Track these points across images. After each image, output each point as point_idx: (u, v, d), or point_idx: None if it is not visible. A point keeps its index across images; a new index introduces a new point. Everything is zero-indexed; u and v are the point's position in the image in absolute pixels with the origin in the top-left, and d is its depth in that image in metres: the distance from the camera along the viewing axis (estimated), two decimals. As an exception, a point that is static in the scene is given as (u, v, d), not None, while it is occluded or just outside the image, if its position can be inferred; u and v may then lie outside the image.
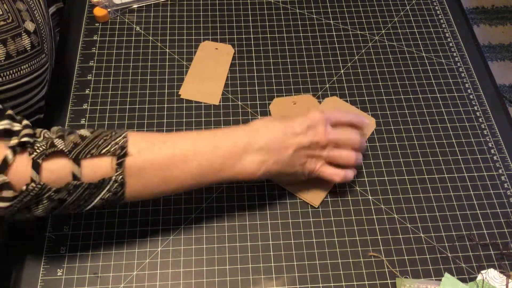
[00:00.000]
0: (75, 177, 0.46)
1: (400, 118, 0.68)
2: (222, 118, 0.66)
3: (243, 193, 0.60)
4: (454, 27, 0.78)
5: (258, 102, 0.68)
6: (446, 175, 0.63)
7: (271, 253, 0.56)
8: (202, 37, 0.75)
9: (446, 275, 0.54)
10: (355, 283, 0.54)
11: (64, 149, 0.45)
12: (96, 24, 0.75)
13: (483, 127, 0.67)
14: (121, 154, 0.47)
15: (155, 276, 0.54)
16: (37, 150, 0.45)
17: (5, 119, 0.45)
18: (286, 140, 0.52)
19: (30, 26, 0.55)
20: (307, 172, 0.56)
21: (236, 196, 0.60)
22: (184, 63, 0.72)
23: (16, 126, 0.46)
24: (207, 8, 0.79)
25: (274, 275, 0.55)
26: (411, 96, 0.70)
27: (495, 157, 0.64)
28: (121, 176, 0.47)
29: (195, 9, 0.78)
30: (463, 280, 0.54)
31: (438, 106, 0.69)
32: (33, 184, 0.44)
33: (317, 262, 0.56)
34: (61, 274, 0.54)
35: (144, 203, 0.59)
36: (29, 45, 0.55)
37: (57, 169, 0.45)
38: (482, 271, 0.55)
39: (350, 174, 0.57)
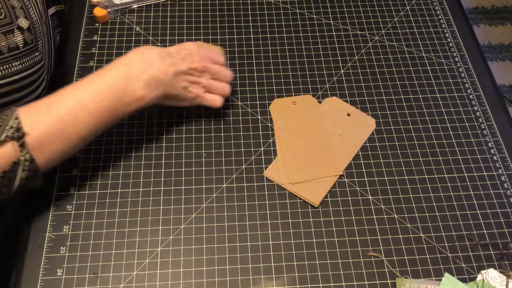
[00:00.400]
0: None
1: (400, 118, 0.68)
2: (222, 118, 0.66)
3: (243, 193, 0.60)
4: (454, 27, 0.78)
5: (258, 102, 0.68)
6: (446, 175, 0.63)
7: (271, 253, 0.56)
8: (202, 37, 0.75)
9: (446, 275, 0.54)
10: (355, 283, 0.54)
11: None
12: (96, 24, 0.75)
13: (483, 127, 0.67)
14: (19, 136, 0.48)
15: (155, 276, 0.54)
16: None
17: None
18: (165, 65, 0.57)
19: (23, 23, 0.55)
20: (191, 97, 0.61)
21: (236, 196, 0.60)
22: (184, 63, 0.72)
23: None
24: (207, 8, 0.79)
25: (274, 275, 0.55)
26: (411, 96, 0.70)
27: (495, 157, 0.64)
28: (28, 154, 0.49)
29: (195, 9, 0.78)
30: (463, 280, 0.54)
31: (438, 106, 0.69)
32: None
33: (317, 262, 0.56)
34: (61, 274, 0.54)
35: (144, 203, 0.59)
36: (22, 42, 0.54)
37: None
38: (482, 271, 0.55)
39: (222, 102, 0.63)
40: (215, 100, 0.63)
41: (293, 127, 0.66)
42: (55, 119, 0.51)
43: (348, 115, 0.67)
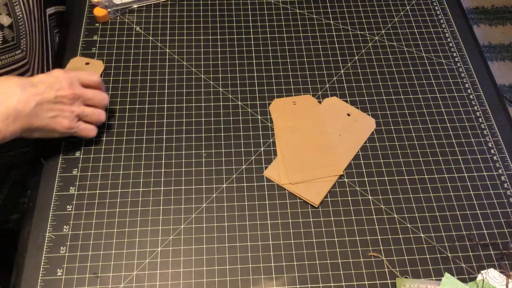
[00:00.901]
0: None
1: (400, 118, 0.68)
2: (222, 118, 0.66)
3: (243, 193, 0.60)
4: (454, 27, 0.78)
5: (258, 102, 0.68)
6: (446, 175, 0.63)
7: (271, 253, 0.56)
8: (202, 37, 0.75)
9: (446, 275, 0.54)
10: (355, 283, 0.54)
11: None
12: (96, 24, 0.75)
13: (483, 127, 0.67)
14: None
15: (155, 276, 0.54)
16: None
17: None
18: (26, 94, 0.52)
19: (5, 20, 0.54)
20: (62, 128, 0.56)
21: (236, 196, 0.60)
22: (184, 63, 0.72)
23: None
24: (207, 8, 0.79)
25: (274, 275, 0.55)
26: (411, 96, 0.70)
27: (495, 157, 0.64)
28: None
29: (195, 9, 0.78)
30: (463, 280, 0.54)
31: (438, 106, 0.69)
32: None
33: (317, 262, 0.56)
34: (61, 274, 0.54)
35: (144, 203, 0.59)
36: (1, 40, 0.53)
37: None
38: (482, 271, 0.55)
39: (96, 131, 0.60)
40: (90, 130, 0.59)
41: (293, 127, 0.66)
42: None
43: (348, 115, 0.67)
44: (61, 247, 0.56)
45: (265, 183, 0.61)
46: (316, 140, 0.64)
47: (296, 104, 0.68)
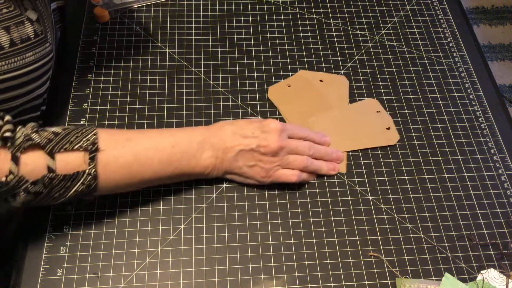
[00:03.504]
0: (50, 169, 0.48)
1: (400, 118, 0.68)
2: (222, 118, 0.66)
3: (243, 193, 0.60)
4: (454, 27, 0.78)
5: (258, 102, 0.68)
6: (446, 175, 0.63)
7: (271, 253, 0.56)
8: (202, 37, 0.75)
9: (446, 275, 0.54)
10: (355, 283, 0.54)
11: (40, 142, 0.48)
12: (96, 24, 0.75)
13: (483, 127, 0.67)
14: (93, 149, 0.50)
15: (155, 276, 0.54)
16: (15, 144, 0.48)
17: None
18: (233, 140, 0.57)
19: (32, 15, 0.55)
20: (259, 176, 0.58)
21: (236, 196, 0.60)
22: (184, 63, 0.72)
23: None
24: (207, 8, 0.79)
25: (274, 275, 0.55)
26: (411, 96, 0.70)
27: (495, 157, 0.64)
28: (94, 170, 0.50)
29: (195, 9, 0.78)
30: (463, 280, 0.54)
31: (438, 106, 0.69)
32: (11, 176, 0.47)
33: (317, 262, 0.56)
34: (61, 274, 0.54)
35: (144, 203, 0.59)
36: (33, 33, 0.55)
37: (33, 162, 0.48)
38: (482, 271, 0.55)
39: (304, 175, 0.60)
40: (289, 176, 0.59)
41: (298, 107, 0.67)
42: (128, 152, 0.53)
43: (321, 81, 0.70)
44: (61, 247, 0.56)
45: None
46: (324, 113, 0.67)
47: (291, 86, 0.69)
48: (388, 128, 0.66)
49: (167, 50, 0.73)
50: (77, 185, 0.50)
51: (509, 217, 0.60)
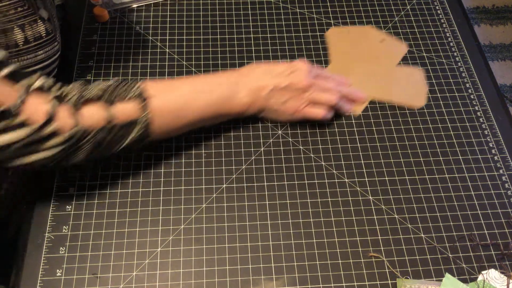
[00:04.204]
0: (109, 120, 0.51)
1: (400, 118, 0.67)
2: (222, 118, 0.66)
3: (243, 193, 0.60)
4: (454, 26, 0.78)
5: (258, 102, 0.68)
6: (447, 175, 0.62)
7: (271, 253, 0.56)
8: (202, 37, 0.75)
9: (447, 275, 0.54)
10: (355, 283, 0.54)
11: (95, 95, 0.52)
12: (96, 24, 0.75)
13: (484, 127, 0.67)
14: (143, 97, 0.53)
15: (154, 276, 0.54)
16: (73, 99, 0.50)
17: (39, 78, 0.49)
18: (265, 80, 0.61)
19: (44, 13, 0.57)
20: (291, 111, 0.63)
21: (236, 196, 0.60)
22: (184, 63, 0.72)
23: (49, 82, 0.50)
24: (207, 8, 0.78)
25: (274, 276, 0.55)
26: (411, 96, 0.70)
27: (496, 157, 0.64)
28: (147, 116, 0.53)
29: (195, 9, 0.78)
30: (464, 281, 0.54)
31: (439, 106, 0.69)
32: (76, 129, 0.49)
33: (317, 262, 0.56)
34: (60, 274, 0.54)
35: (144, 203, 0.59)
36: (44, 32, 0.56)
37: (93, 114, 0.51)
38: (483, 272, 0.55)
39: (329, 114, 0.65)
40: (317, 113, 0.63)
41: (348, 54, 0.72)
42: (176, 96, 0.57)
43: (382, 40, 0.75)
44: (61, 248, 0.55)
45: (265, 183, 0.61)
46: (370, 67, 0.72)
47: (350, 34, 0.74)
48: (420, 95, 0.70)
49: (167, 50, 0.73)
50: (133, 132, 0.53)
51: (510, 217, 0.59)
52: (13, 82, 0.47)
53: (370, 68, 0.72)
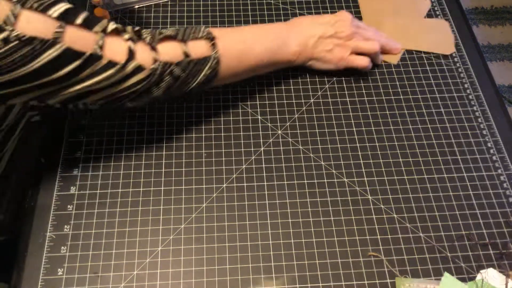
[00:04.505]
0: (186, 54, 0.55)
1: (399, 118, 0.68)
2: (222, 118, 0.67)
3: (243, 193, 0.60)
4: (453, 27, 0.78)
5: (258, 102, 0.68)
6: (445, 175, 0.63)
7: (271, 252, 0.56)
8: (202, 37, 0.75)
9: (446, 274, 0.54)
10: (354, 282, 0.55)
11: (170, 34, 0.55)
12: (97, 24, 0.75)
13: (482, 127, 0.67)
14: (212, 37, 0.57)
15: (155, 275, 0.54)
16: (149, 37, 0.53)
17: (110, 22, 0.51)
18: (313, 29, 0.65)
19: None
20: (336, 59, 0.67)
21: (236, 196, 0.60)
22: (184, 63, 0.72)
23: (120, 26, 0.52)
24: (207, 8, 0.79)
25: (274, 275, 0.55)
26: (410, 97, 0.70)
27: (494, 157, 0.65)
28: (217, 54, 0.57)
29: (195, 9, 0.79)
30: (463, 280, 0.55)
31: (437, 107, 0.69)
32: (157, 63, 0.52)
33: (317, 261, 0.56)
34: (61, 273, 0.54)
35: (145, 203, 0.59)
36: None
37: (170, 50, 0.54)
38: (482, 271, 0.55)
39: (370, 64, 0.69)
40: (361, 60, 0.68)
41: (379, 11, 0.78)
42: (238, 40, 0.60)
43: None
44: (62, 247, 0.56)
45: (265, 183, 0.61)
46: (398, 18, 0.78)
47: None
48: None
49: (167, 50, 0.73)
50: (206, 69, 0.56)
51: (508, 217, 0.60)
52: (88, 28, 0.48)
53: (400, 22, 0.77)
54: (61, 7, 0.46)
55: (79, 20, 0.47)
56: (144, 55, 0.52)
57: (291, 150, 0.64)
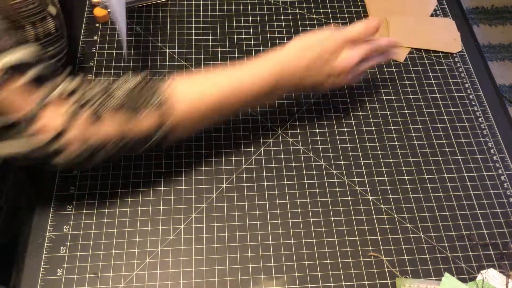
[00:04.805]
0: (125, 134, 0.49)
1: (400, 118, 0.68)
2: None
3: (243, 193, 0.60)
4: (454, 27, 0.78)
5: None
6: (446, 175, 0.63)
7: (271, 253, 0.56)
8: (202, 37, 0.75)
9: (446, 275, 0.54)
10: (355, 283, 0.55)
11: (119, 103, 0.48)
12: (96, 25, 0.75)
13: (483, 127, 0.67)
14: (168, 105, 0.50)
15: (155, 276, 0.54)
16: (95, 106, 0.47)
17: (63, 81, 0.48)
18: (306, 78, 0.58)
19: (52, 10, 0.57)
20: (330, 88, 0.61)
21: (236, 196, 0.60)
22: (184, 63, 0.72)
23: (73, 84, 0.48)
24: (207, 8, 0.79)
25: (274, 275, 0.55)
26: (411, 96, 0.70)
27: (494, 157, 0.65)
28: (168, 126, 0.51)
29: (195, 9, 0.78)
30: (463, 280, 0.54)
31: (438, 106, 0.69)
32: (87, 144, 0.47)
33: (317, 262, 0.56)
34: (61, 274, 0.54)
35: (144, 203, 0.59)
36: (53, 28, 0.57)
37: (111, 125, 0.48)
38: (482, 271, 0.55)
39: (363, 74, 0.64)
40: (353, 81, 0.63)
41: (386, 11, 0.78)
42: (212, 98, 0.53)
43: None
44: (61, 247, 0.56)
45: (265, 183, 0.61)
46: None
47: None
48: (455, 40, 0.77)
49: (167, 50, 0.73)
50: (151, 141, 0.51)
51: (509, 217, 0.60)
52: (36, 87, 0.45)
53: (406, 20, 0.78)
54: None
55: (28, 76, 0.44)
56: (78, 132, 0.46)
57: (291, 150, 0.64)
